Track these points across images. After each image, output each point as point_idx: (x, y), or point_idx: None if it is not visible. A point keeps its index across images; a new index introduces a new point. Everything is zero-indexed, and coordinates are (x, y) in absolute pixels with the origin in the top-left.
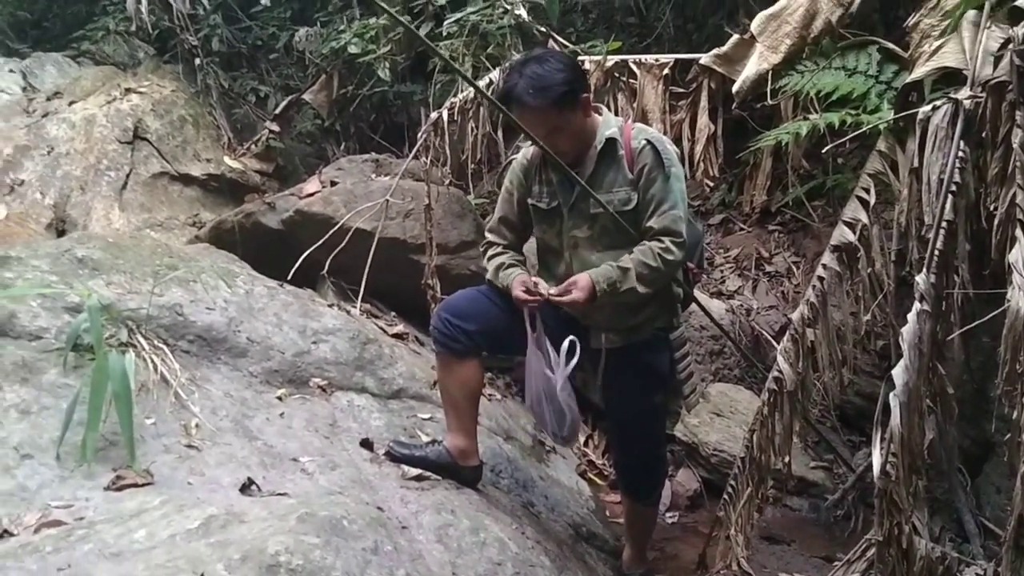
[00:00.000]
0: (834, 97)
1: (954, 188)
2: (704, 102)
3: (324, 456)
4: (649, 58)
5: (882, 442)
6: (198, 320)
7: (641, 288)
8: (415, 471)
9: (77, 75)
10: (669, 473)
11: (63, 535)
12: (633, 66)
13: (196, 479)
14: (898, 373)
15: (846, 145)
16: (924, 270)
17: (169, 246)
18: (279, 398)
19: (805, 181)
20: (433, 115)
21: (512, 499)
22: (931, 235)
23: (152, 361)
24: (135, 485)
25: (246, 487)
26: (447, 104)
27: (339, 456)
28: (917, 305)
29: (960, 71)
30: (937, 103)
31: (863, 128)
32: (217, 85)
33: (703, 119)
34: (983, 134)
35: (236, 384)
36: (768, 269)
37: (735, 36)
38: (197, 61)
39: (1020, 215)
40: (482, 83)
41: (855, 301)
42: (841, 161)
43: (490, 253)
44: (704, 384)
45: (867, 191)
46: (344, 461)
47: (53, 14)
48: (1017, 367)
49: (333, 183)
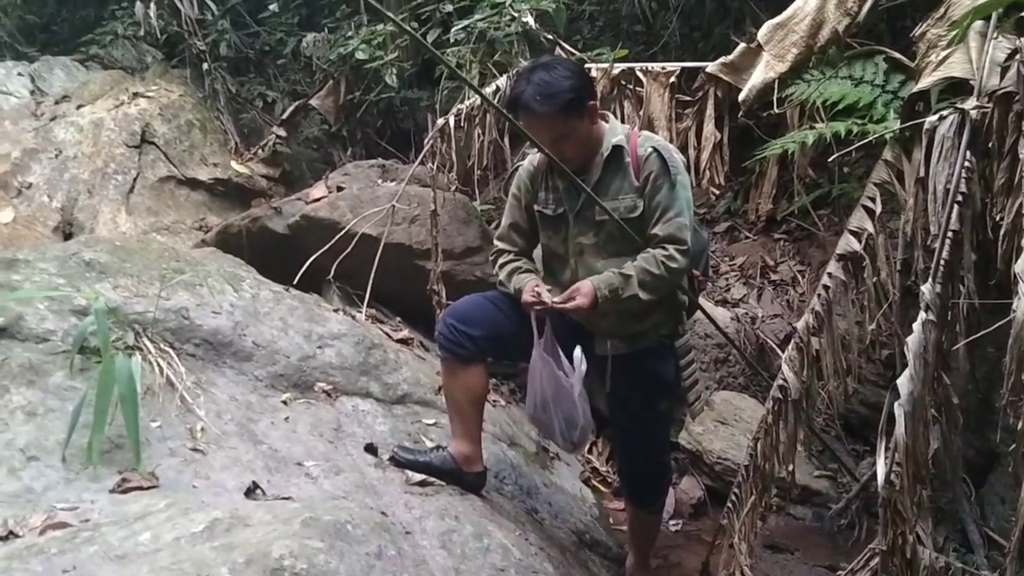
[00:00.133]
0: (840, 106)
1: (960, 198)
2: (710, 110)
3: (328, 461)
4: (656, 66)
5: (886, 451)
6: (204, 324)
7: (644, 295)
8: (419, 476)
9: (85, 79)
10: (673, 481)
11: (68, 537)
12: (640, 74)
13: (201, 482)
14: (903, 383)
15: (852, 154)
16: (930, 280)
17: (176, 250)
18: (284, 402)
19: (811, 190)
20: (440, 121)
21: (516, 505)
22: (937, 245)
23: (158, 364)
24: (140, 488)
25: (251, 491)
26: (454, 110)
27: (343, 461)
28: (922, 315)
29: (967, 81)
30: (944, 113)
31: (869, 137)
32: (225, 90)
33: (709, 127)
34: (990, 144)
35: (241, 388)
36: (773, 277)
37: (742, 45)
38: (205, 66)
39: None
40: (489, 90)
41: (860, 310)
42: (847, 170)
43: (501, 260)
44: (708, 392)
45: (873, 200)
46: (348, 466)
47: (62, 18)
48: (1022, 378)
49: (339, 188)
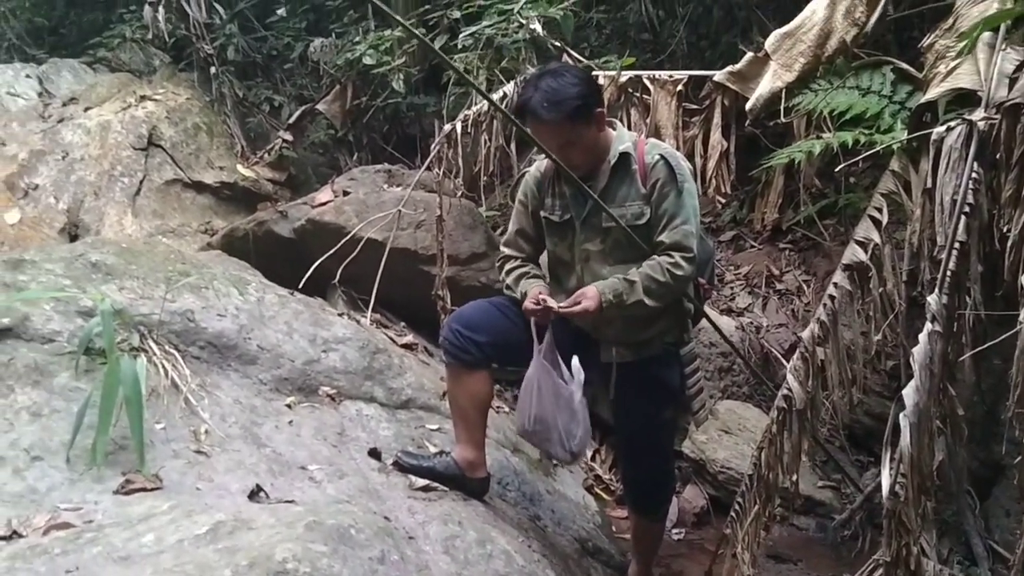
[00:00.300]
0: (847, 116)
1: (967, 209)
2: (717, 119)
3: (332, 465)
4: (663, 74)
5: (891, 462)
6: (209, 326)
7: (649, 301)
8: (422, 482)
9: (93, 81)
10: (676, 490)
11: (72, 538)
12: (647, 82)
13: (205, 485)
14: (908, 393)
15: (859, 164)
16: (936, 290)
17: (182, 252)
18: (288, 406)
19: (817, 200)
20: (447, 127)
21: (519, 512)
22: (943, 256)
23: (163, 366)
24: (144, 489)
25: (254, 494)
26: (461, 116)
27: (347, 465)
28: (928, 325)
29: (975, 92)
30: (951, 124)
31: (876, 148)
32: (232, 94)
33: (716, 136)
34: (997, 155)
35: (246, 391)
36: (778, 287)
37: (749, 54)
38: (212, 70)
39: None
40: (496, 96)
41: (866, 320)
42: (853, 180)
43: (508, 266)
44: (713, 401)
45: (879, 211)
46: (352, 470)
47: (70, 21)
48: None
49: (345, 193)
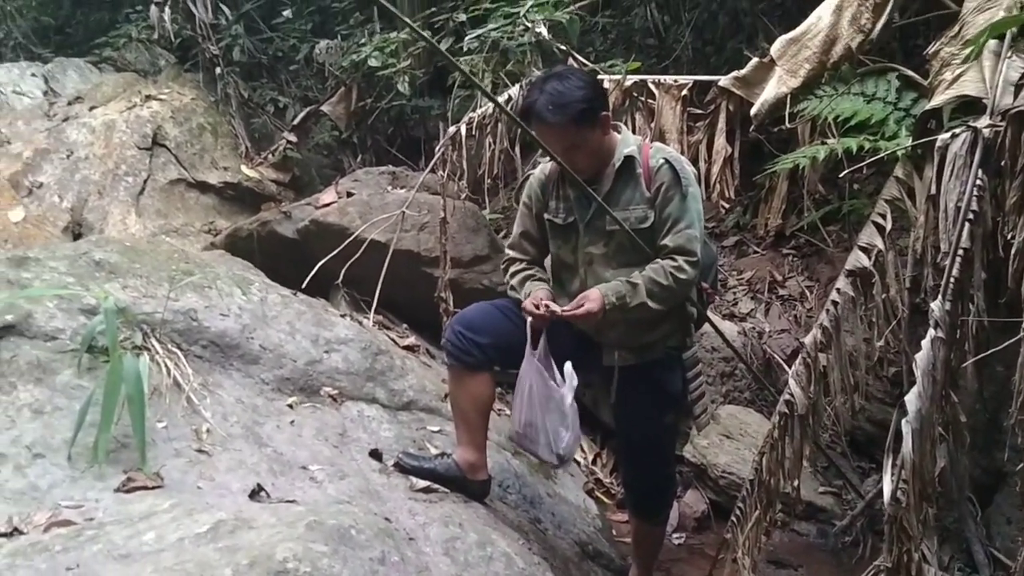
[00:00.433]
0: (852, 122)
1: (971, 216)
2: (722, 124)
3: (333, 465)
4: (668, 79)
5: (893, 468)
6: (212, 326)
7: (652, 304)
8: (423, 483)
9: (98, 81)
10: (677, 494)
11: (72, 535)
12: (652, 86)
13: (206, 484)
14: (911, 400)
15: (863, 171)
16: (939, 297)
17: (185, 252)
18: (290, 406)
19: (820, 206)
20: (451, 129)
21: (519, 515)
22: (947, 263)
23: (165, 365)
24: (145, 488)
25: (255, 493)
26: (465, 119)
27: (348, 466)
28: (931, 332)
29: (980, 100)
30: (956, 131)
31: (880, 154)
32: (237, 94)
33: (720, 141)
34: (1002, 163)
35: (248, 391)
36: (781, 293)
37: (754, 59)
38: (218, 70)
39: None
40: (501, 99)
41: (868, 327)
42: (857, 187)
43: (513, 269)
44: (715, 406)
45: (883, 217)
46: (353, 471)
47: (76, 20)
48: None
49: (349, 194)
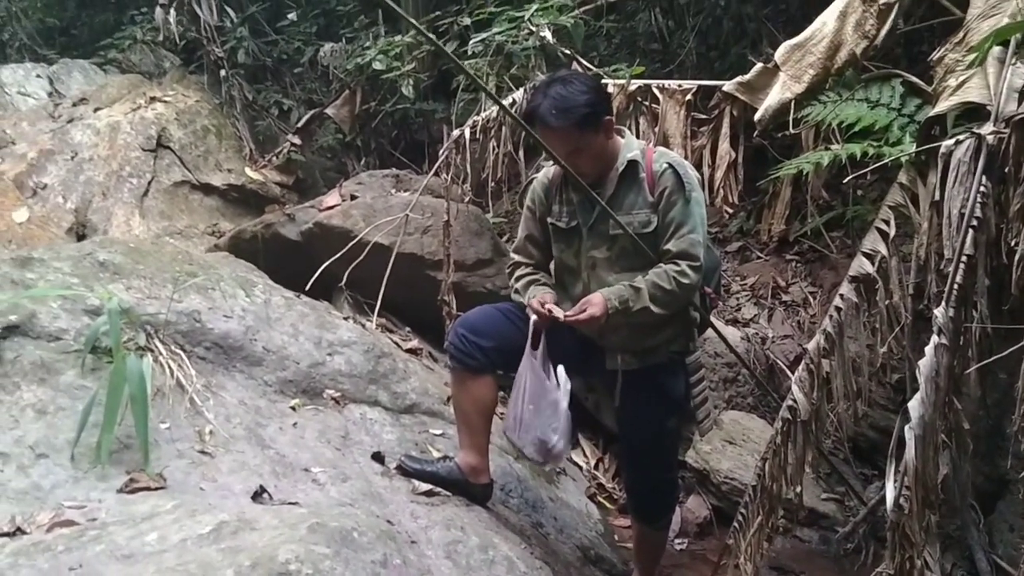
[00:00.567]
0: (856, 128)
1: (975, 223)
2: (726, 129)
3: (336, 467)
4: (672, 83)
5: (896, 475)
6: (215, 327)
7: (655, 309)
8: (426, 486)
9: (103, 82)
10: (679, 499)
11: (75, 535)
12: (656, 91)
13: (208, 485)
14: (914, 406)
15: (866, 177)
16: (943, 304)
17: (189, 253)
18: (293, 408)
19: (824, 211)
20: (455, 132)
21: (521, 518)
22: (950, 269)
23: (169, 366)
24: (148, 488)
25: (258, 495)
26: (469, 122)
27: (350, 468)
28: (935, 338)
29: (984, 106)
30: (960, 137)
31: (884, 160)
32: (241, 97)
33: (724, 146)
34: (1006, 170)
35: (251, 392)
36: (784, 298)
37: (758, 65)
38: (222, 73)
39: None
40: (505, 103)
41: (872, 333)
42: (860, 193)
43: (518, 273)
44: (717, 411)
45: (887, 223)
46: (355, 473)
47: (81, 22)
48: None
49: (353, 197)
